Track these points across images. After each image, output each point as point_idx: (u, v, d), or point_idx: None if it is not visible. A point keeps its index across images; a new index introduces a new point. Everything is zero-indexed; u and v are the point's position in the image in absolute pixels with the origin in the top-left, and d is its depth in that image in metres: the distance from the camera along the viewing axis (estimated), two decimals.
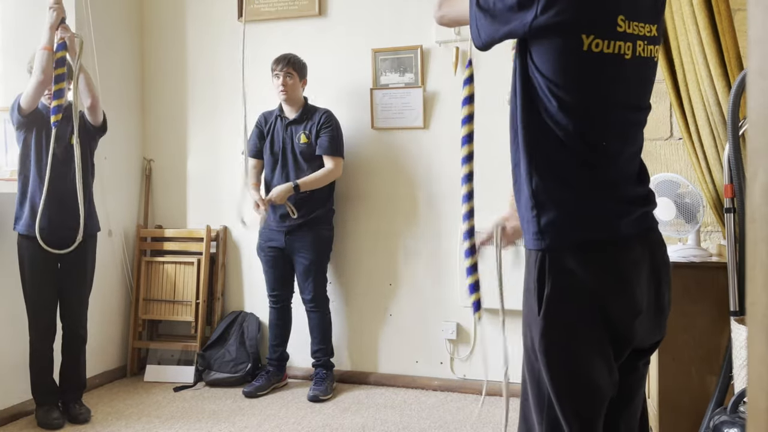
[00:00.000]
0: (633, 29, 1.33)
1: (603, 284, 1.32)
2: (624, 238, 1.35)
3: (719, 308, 2.36)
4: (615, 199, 1.36)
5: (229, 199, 3.87)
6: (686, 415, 2.38)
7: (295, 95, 3.38)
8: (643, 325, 1.37)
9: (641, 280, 1.36)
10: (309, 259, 3.37)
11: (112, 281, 3.73)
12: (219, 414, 3.16)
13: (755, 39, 0.45)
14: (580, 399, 1.34)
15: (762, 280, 0.43)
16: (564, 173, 1.35)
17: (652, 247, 1.40)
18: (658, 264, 1.40)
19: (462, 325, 3.48)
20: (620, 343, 1.35)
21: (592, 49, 1.29)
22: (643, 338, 1.40)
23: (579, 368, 1.33)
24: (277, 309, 3.50)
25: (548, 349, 1.33)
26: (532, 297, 1.35)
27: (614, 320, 1.33)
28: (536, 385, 1.37)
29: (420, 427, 2.97)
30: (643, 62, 1.38)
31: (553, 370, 1.33)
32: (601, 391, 1.34)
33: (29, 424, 3.03)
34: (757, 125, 0.44)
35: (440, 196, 3.48)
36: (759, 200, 0.43)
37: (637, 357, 1.43)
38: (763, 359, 0.43)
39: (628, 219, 1.36)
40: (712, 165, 2.47)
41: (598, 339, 1.33)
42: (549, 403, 1.35)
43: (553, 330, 1.32)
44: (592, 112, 1.34)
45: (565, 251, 1.32)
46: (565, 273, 1.32)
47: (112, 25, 3.76)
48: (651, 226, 1.42)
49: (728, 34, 2.33)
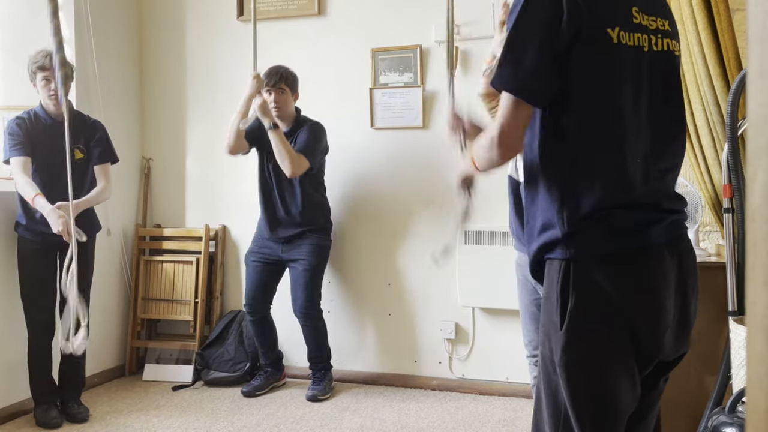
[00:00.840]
0: (647, 22, 1.30)
1: (631, 298, 1.25)
2: (654, 247, 1.28)
3: (718, 308, 2.36)
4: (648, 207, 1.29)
5: (228, 198, 3.87)
6: (685, 415, 2.38)
7: (287, 110, 3.32)
8: (669, 338, 1.31)
9: (670, 291, 1.29)
10: (305, 265, 3.32)
11: (111, 280, 3.73)
12: (217, 413, 3.15)
13: (755, 39, 0.45)
14: (600, 416, 1.28)
15: (761, 280, 0.43)
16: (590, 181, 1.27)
17: (681, 255, 1.32)
18: (686, 273, 1.33)
19: (460, 325, 3.48)
20: (645, 357, 1.29)
21: (621, 41, 1.24)
22: (667, 352, 1.33)
23: (602, 385, 1.27)
24: (254, 322, 3.43)
25: (569, 364, 1.26)
26: (554, 308, 1.27)
27: (641, 335, 1.26)
28: (552, 398, 1.31)
29: (418, 427, 2.97)
30: (663, 55, 1.32)
31: (574, 385, 1.26)
32: (622, 407, 1.29)
33: (28, 422, 3.02)
34: (756, 125, 0.44)
35: (439, 195, 3.48)
36: (759, 200, 0.43)
37: (660, 372, 1.37)
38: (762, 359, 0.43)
39: (659, 226, 1.28)
40: (711, 165, 2.47)
41: (623, 355, 1.26)
42: (565, 416, 1.29)
43: (577, 345, 1.25)
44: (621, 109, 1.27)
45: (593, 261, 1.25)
46: (592, 285, 1.24)
47: (111, 23, 3.76)
48: (681, 233, 1.35)
49: (727, 34, 2.33)
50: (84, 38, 3.53)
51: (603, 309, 1.25)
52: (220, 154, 3.87)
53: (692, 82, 2.46)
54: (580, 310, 1.25)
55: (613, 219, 1.26)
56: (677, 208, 1.35)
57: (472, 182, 1.54)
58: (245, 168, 3.75)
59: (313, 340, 3.40)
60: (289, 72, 3.33)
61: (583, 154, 1.27)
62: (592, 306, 1.25)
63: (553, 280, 1.29)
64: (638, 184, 1.28)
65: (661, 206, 1.31)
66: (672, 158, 1.37)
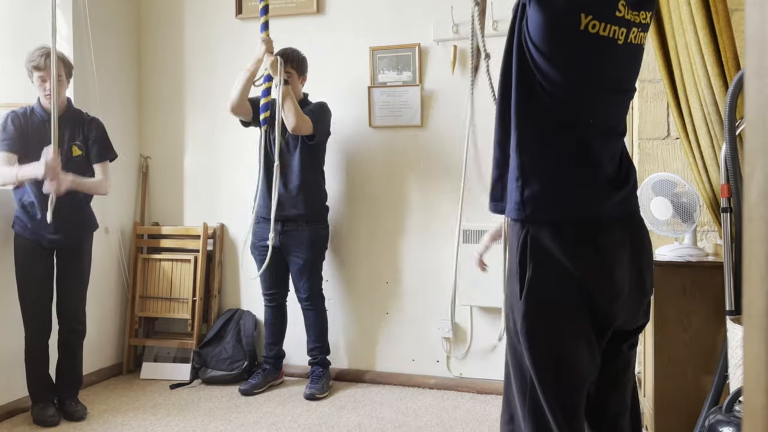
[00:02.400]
0: (631, 16, 1.35)
1: (584, 266, 1.33)
2: (606, 220, 1.36)
3: (715, 308, 2.37)
4: (599, 180, 1.37)
5: (227, 196, 3.87)
6: (681, 415, 2.39)
7: (294, 93, 3.36)
8: (624, 307, 1.38)
9: (623, 262, 1.37)
10: (304, 258, 3.36)
11: (109, 278, 3.73)
12: (215, 411, 3.15)
13: (753, 39, 0.45)
14: (561, 381, 1.35)
15: (758, 279, 0.43)
16: (552, 148, 1.36)
17: (634, 231, 1.41)
18: (640, 247, 1.41)
19: (458, 324, 3.49)
20: (601, 325, 1.36)
21: (588, 29, 1.31)
22: (626, 320, 1.41)
23: (560, 350, 1.35)
24: (272, 308, 3.49)
25: (530, 331, 1.34)
26: (515, 280, 1.36)
27: (595, 302, 1.34)
28: (518, 368, 1.38)
29: (416, 426, 2.98)
30: (634, 49, 1.40)
31: (535, 352, 1.34)
32: (582, 373, 1.36)
33: (25, 420, 3.02)
34: (754, 125, 0.44)
35: (437, 194, 3.48)
36: (756, 199, 0.44)
37: (621, 339, 1.44)
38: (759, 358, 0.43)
39: (610, 201, 1.37)
40: (709, 165, 2.47)
41: (579, 321, 1.34)
42: (531, 386, 1.36)
43: (535, 312, 1.34)
44: (580, 90, 1.36)
45: (546, 230, 1.33)
46: (547, 255, 1.33)
47: (109, 21, 3.75)
48: (633, 210, 1.44)
49: (726, 33, 2.33)
50: (82, 36, 3.53)
51: (558, 276, 1.33)
52: (219, 153, 3.87)
53: (690, 81, 2.46)
54: (537, 278, 1.33)
55: (567, 188, 1.35)
56: (627, 185, 1.43)
57: None
58: (244, 166, 3.75)
59: (315, 327, 3.42)
60: (297, 54, 3.35)
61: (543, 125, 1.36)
62: (547, 274, 1.33)
63: (513, 254, 1.38)
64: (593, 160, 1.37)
65: (611, 183, 1.39)
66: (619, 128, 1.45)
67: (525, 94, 1.36)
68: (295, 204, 3.31)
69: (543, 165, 1.35)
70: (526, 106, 1.36)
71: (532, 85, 1.35)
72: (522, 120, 1.36)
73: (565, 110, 1.35)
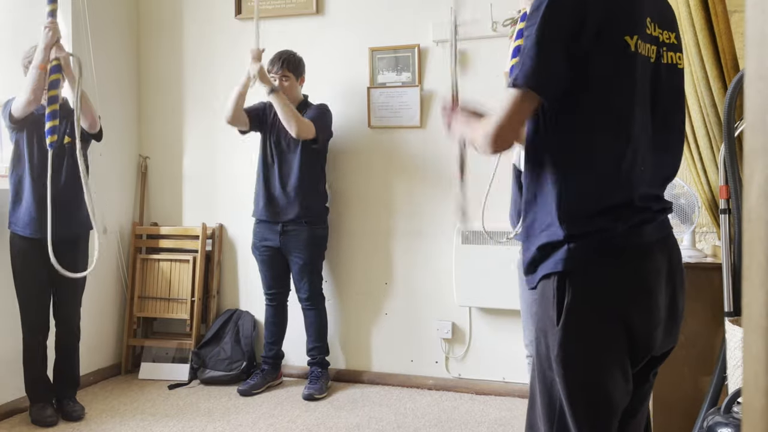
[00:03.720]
0: (658, 34, 1.33)
1: (626, 294, 1.28)
2: (646, 245, 1.32)
3: (714, 309, 2.37)
4: (640, 207, 1.32)
5: (226, 196, 3.87)
6: (680, 416, 2.39)
7: (293, 95, 3.36)
8: (660, 333, 1.35)
9: (661, 287, 1.32)
10: (304, 258, 3.36)
11: (107, 278, 3.72)
12: (214, 412, 3.15)
13: (753, 41, 0.45)
14: (596, 411, 1.30)
15: (758, 280, 0.43)
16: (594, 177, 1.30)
17: (670, 252, 1.37)
18: (675, 269, 1.37)
19: (457, 325, 3.49)
20: (638, 352, 1.32)
21: (639, 50, 1.27)
22: (658, 347, 1.37)
23: (597, 380, 1.30)
24: (273, 307, 3.49)
25: (566, 360, 1.28)
26: (550, 305, 1.30)
27: (635, 330, 1.29)
28: (547, 394, 1.33)
29: (415, 426, 2.98)
30: (669, 68, 1.36)
31: (570, 381, 1.29)
32: (617, 402, 1.32)
33: (23, 421, 3.02)
34: (754, 127, 0.45)
35: (436, 195, 3.48)
36: (755, 201, 0.44)
37: (650, 366, 1.40)
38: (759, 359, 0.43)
39: (650, 226, 1.32)
40: (708, 166, 2.47)
41: (618, 351, 1.29)
42: (560, 413, 1.31)
43: (573, 341, 1.28)
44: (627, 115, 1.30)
45: (587, 253, 1.28)
46: (588, 281, 1.28)
47: (108, 21, 3.75)
48: (669, 232, 1.40)
49: (725, 35, 2.34)
50: (81, 36, 3.53)
51: (599, 305, 1.28)
52: (218, 153, 3.87)
53: (689, 83, 2.47)
54: (577, 305, 1.27)
55: (611, 220, 1.29)
56: (664, 208, 1.40)
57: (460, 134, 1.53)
58: (242, 167, 3.74)
59: (315, 327, 3.42)
60: (293, 57, 3.36)
61: (585, 154, 1.30)
62: (588, 301, 1.28)
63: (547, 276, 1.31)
64: (634, 187, 1.31)
65: (651, 208, 1.35)
66: (670, 168, 1.41)
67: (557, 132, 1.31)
68: (293, 205, 3.32)
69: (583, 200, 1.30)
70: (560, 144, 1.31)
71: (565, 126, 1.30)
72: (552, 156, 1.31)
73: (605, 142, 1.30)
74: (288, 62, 3.33)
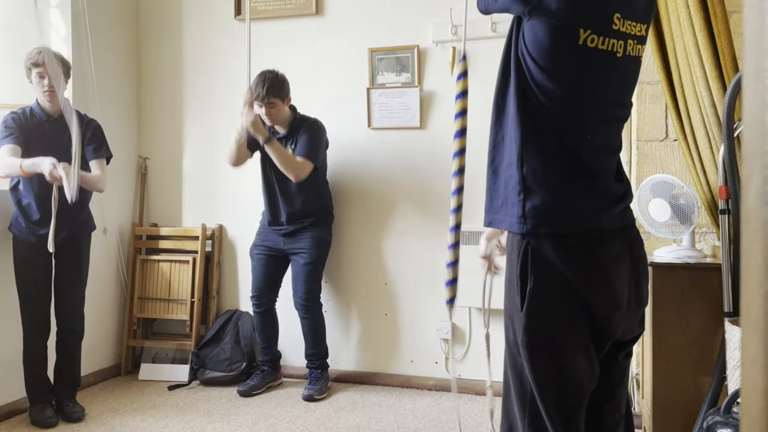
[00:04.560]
0: (627, 28, 1.36)
1: (585, 279, 1.33)
2: (605, 233, 1.37)
3: (713, 309, 2.37)
4: (597, 194, 1.38)
5: (225, 197, 3.87)
6: (679, 416, 2.39)
7: (280, 119, 3.30)
8: (623, 319, 1.40)
9: (622, 274, 1.38)
10: (306, 258, 3.36)
11: (107, 279, 3.72)
12: (213, 413, 3.15)
13: (751, 41, 0.45)
14: (562, 393, 1.35)
15: (756, 281, 0.43)
16: (552, 162, 1.35)
17: (632, 243, 1.42)
18: (637, 259, 1.43)
19: (457, 325, 3.49)
20: (601, 336, 1.37)
21: (587, 44, 1.31)
22: (624, 331, 1.42)
23: (561, 363, 1.35)
24: (260, 314, 3.45)
25: (531, 343, 1.34)
26: (515, 292, 1.36)
27: (596, 314, 1.34)
28: (518, 379, 1.39)
29: (414, 427, 2.98)
30: (632, 61, 1.41)
31: (536, 364, 1.34)
32: (583, 385, 1.36)
33: (23, 422, 3.02)
34: (752, 128, 0.45)
35: (436, 195, 3.48)
36: (754, 202, 0.44)
37: (618, 350, 1.45)
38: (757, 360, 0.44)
39: (609, 214, 1.38)
40: (707, 166, 2.47)
41: (580, 333, 1.35)
42: (531, 397, 1.36)
43: (537, 325, 1.34)
44: (579, 104, 1.36)
45: (547, 243, 1.33)
46: (548, 268, 1.33)
47: (108, 22, 3.75)
48: (630, 223, 1.45)
49: (724, 36, 2.34)
50: (81, 37, 3.53)
51: (559, 290, 1.33)
52: (218, 153, 3.87)
53: (689, 83, 2.47)
54: (538, 290, 1.33)
55: (568, 202, 1.35)
56: (625, 199, 1.44)
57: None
58: (242, 168, 3.74)
59: (312, 335, 3.41)
60: (276, 80, 3.22)
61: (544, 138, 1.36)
62: (549, 286, 1.33)
63: (513, 265, 1.37)
64: (589, 177, 1.37)
65: (609, 196, 1.40)
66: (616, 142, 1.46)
67: (523, 107, 1.36)
68: (301, 218, 3.33)
69: (544, 178, 1.35)
70: (526, 119, 1.35)
71: (530, 100, 1.35)
72: (522, 133, 1.36)
73: (564, 124, 1.36)
74: (272, 88, 3.19)
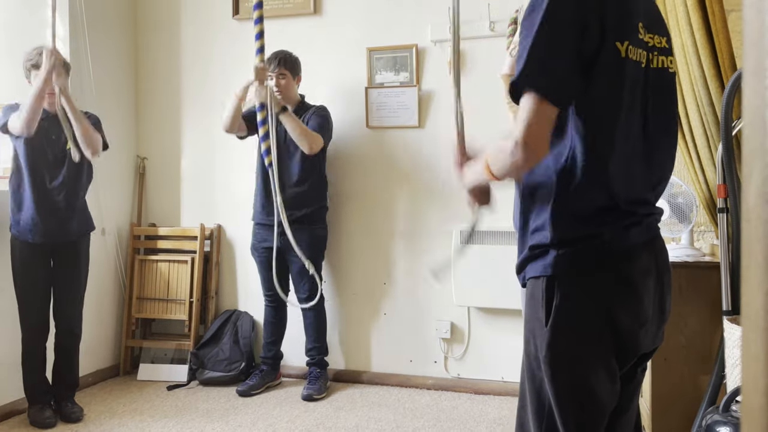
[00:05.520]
0: (648, 39, 1.32)
1: (612, 296, 1.29)
2: (634, 247, 1.32)
3: (712, 308, 2.37)
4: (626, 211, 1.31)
5: (224, 197, 3.86)
6: (678, 415, 2.39)
7: (290, 94, 3.36)
8: (647, 333, 1.36)
9: (649, 288, 1.33)
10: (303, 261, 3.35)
11: (106, 280, 3.72)
12: (212, 413, 3.15)
13: (750, 40, 0.45)
14: (583, 411, 1.31)
15: (756, 279, 0.43)
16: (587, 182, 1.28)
17: (657, 254, 1.37)
18: (662, 270, 1.38)
19: (456, 324, 3.49)
20: (625, 353, 1.33)
21: (629, 56, 1.26)
22: (645, 345, 1.38)
23: (585, 381, 1.30)
24: (273, 308, 3.49)
25: (554, 360, 1.29)
26: (539, 305, 1.31)
27: (622, 331, 1.30)
28: (536, 394, 1.34)
29: (414, 426, 2.98)
30: (659, 72, 1.35)
31: (558, 381, 1.30)
32: (604, 403, 1.32)
33: (21, 422, 3.01)
34: (752, 126, 0.45)
35: (435, 195, 3.48)
36: (754, 200, 0.44)
37: (637, 364, 1.41)
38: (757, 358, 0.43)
39: (638, 228, 1.32)
40: (706, 165, 2.48)
41: (605, 351, 1.30)
42: (549, 413, 1.32)
43: (561, 341, 1.29)
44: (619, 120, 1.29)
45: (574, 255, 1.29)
46: (576, 284, 1.29)
47: (105, 22, 3.74)
48: (657, 234, 1.40)
49: (722, 34, 2.34)
50: (79, 36, 3.52)
51: (586, 307, 1.29)
52: (216, 153, 3.87)
53: (687, 82, 2.47)
54: (565, 306, 1.28)
55: (598, 225, 1.30)
56: (653, 210, 1.40)
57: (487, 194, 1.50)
58: (240, 167, 3.74)
59: (315, 328, 3.42)
60: (289, 56, 3.36)
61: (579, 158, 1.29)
62: (576, 302, 1.29)
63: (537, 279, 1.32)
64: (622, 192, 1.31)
65: (638, 212, 1.35)
66: (660, 172, 1.41)
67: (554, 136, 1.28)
68: (293, 206, 3.31)
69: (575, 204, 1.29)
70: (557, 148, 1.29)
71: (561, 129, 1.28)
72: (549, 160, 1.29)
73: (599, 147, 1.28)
74: (285, 61, 3.33)
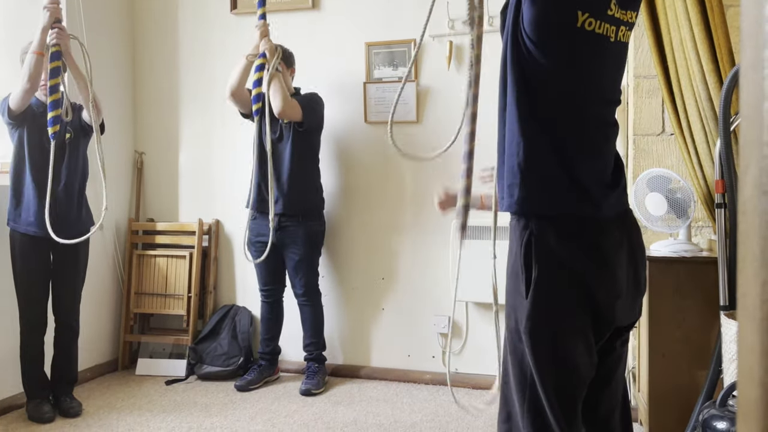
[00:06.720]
0: (620, 15, 1.38)
1: (588, 268, 1.35)
2: (605, 220, 1.39)
3: (709, 303, 2.38)
4: (597, 179, 1.39)
5: (222, 192, 3.86)
6: (676, 410, 2.40)
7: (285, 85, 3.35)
8: (623, 306, 1.41)
9: (622, 262, 1.39)
10: (299, 254, 3.36)
11: (104, 275, 3.72)
12: (211, 407, 3.15)
13: (748, 32, 0.45)
14: (563, 380, 1.36)
15: (752, 271, 0.43)
16: (549, 146, 1.36)
17: (629, 230, 1.44)
18: (635, 246, 1.44)
19: (454, 319, 3.49)
20: (602, 324, 1.39)
21: (585, 26, 1.33)
22: (622, 319, 1.44)
23: (563, 351, 1.36)
24: (269, 303, 3.49)
25: (534, 331, 1.35)
26: (519, 280, 1.37)
27: (598, 303, 1.36)
28: (519, 366, 1.40)
29: (412, 421, 2.98)
30: (622, 47, 1.43)
31: (538, 351, 1.35)
32: (582, 373, 1.38)
33: (20, 417, 3.01)
34: (749, 118, 0.44)
35: (432, 190, 3.47)
36: (750, 192, 0.43)
37: (615, 337, 1.46)
38: (753, 351, 0.43)
39: (607, 201, 1.39)
40: (704, 160, 2.48)
41: (581, 321, 1.36)
42: (531, 383, 1.37)
43: (540, 313, 1.35)
44: (576, 88, 1.37)
45: (550, 230, 1.35)
46: (552, 257, 1.35)
47: (103, 16, 3.73)
48: (627, 208, 1.47)
49: (720, 29, 2.34)
50: (76, 31, 3.50)
51: (564, 277, 1.35)
52: (214, 148, 3.86)
53: (685, 77, 2.47)
54: (543, 279, 1.34)
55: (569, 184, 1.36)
56: (621, 185, 1.46)
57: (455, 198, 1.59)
58: (238, 162, 3.74)
59: (312, 323, 3.42)
60: (283, 48, 3.35)
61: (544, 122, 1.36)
62: (554, 275, 1.35)
63: (516, 254, 1.38)
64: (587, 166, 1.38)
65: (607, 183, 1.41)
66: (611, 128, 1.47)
67: (522, 88, 1.36)
68: (288, 197, 3.30)
69: (542, 162, 1.36)
70: (524, 101, 1.36)
71: (529, 81, 1.35)
72: (521, 116, 1.36)
73: (562, 108, 1.36)
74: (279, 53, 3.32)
